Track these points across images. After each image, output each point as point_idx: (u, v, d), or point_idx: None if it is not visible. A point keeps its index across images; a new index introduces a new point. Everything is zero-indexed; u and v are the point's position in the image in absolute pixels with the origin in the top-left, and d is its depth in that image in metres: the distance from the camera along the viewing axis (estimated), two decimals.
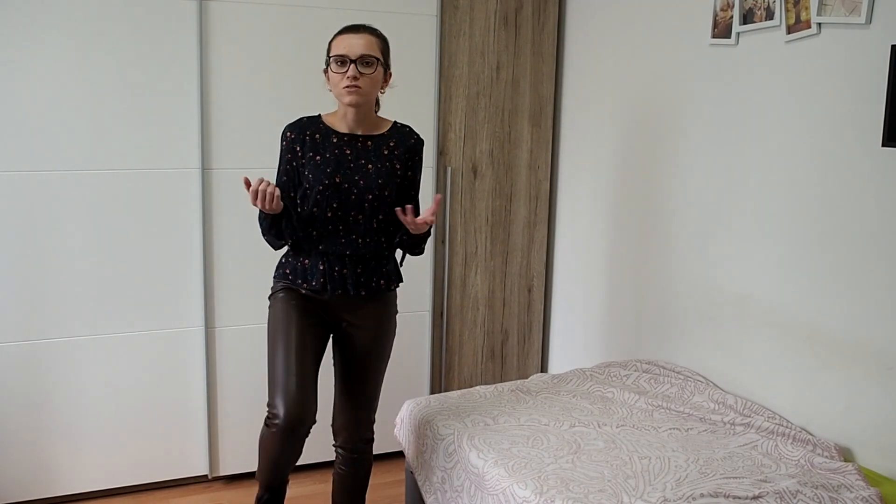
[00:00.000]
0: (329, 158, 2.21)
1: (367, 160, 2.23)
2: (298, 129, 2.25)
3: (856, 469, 2.05)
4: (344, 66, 2.15)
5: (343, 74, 2.15)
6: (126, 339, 2.88)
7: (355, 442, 2.39)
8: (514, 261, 3.46)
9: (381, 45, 2.23)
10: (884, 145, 2.08)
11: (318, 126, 2.25)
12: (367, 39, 2.18)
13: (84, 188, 2.75)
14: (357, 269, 2.25)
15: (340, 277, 2.24)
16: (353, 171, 2.21)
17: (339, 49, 2.16)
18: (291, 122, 2.28)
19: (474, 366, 3.47)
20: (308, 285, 2.24)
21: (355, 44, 2.16)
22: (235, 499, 3.00)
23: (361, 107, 2.21)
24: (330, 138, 2.23)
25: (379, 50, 2.21)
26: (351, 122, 2.24)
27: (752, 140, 2.51)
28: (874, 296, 2.15)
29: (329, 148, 2.22)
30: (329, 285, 2.23)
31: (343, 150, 2.22)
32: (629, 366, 2.83)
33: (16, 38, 2.60)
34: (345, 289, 2.24)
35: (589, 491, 1.97)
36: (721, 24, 2.58)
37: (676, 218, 2.83)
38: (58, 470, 2.86)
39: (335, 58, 2.16)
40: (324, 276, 2.23)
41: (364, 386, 2.35)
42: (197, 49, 2.80)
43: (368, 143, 2.25)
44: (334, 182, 2.19)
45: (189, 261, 2.91)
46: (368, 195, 2.21)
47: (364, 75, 2.15)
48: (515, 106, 3.33)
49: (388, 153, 2.25)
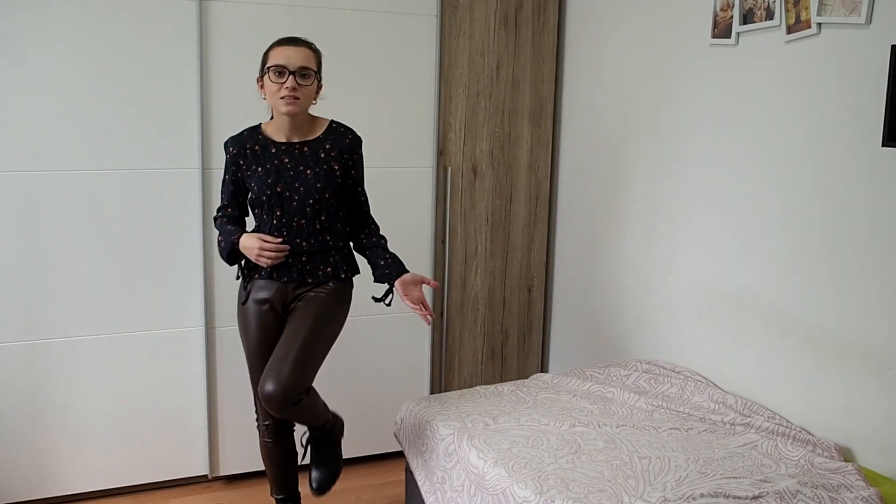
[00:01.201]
0: (269, 169, 2.31)
1: (304, 166, 2.32)
2: (239, 143, 2.36)
3: (856, 469, 2.05)
4: (282, 77, 2.23)
5: (281, 85, 2.23)
6: (126, 339, 2.88)
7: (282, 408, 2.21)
8: (514, 261, 3.46)
9: (317, 58, 2.33)
10: (884, 145, 2.08)
11: (258, 138, 2.36)
12: (305, 53, 2.27)
13: (84, 188, 2.75)
14: (302, 259, 2.35)
15: (286, 267, 2.34)
16: (293, 178, 2.31)
17: (279, 59, 2.24)
18: (233, 135, 2.39)
19: (474, 366, 3.47)
20: (260, 276, 2.38)
21: (294, 56, 2.24)
22: (235, 499, 3.00)
23: (297, 115, 2.30)
24: (269, 149, 2.33)
25: (315, 63, 2.31)
26: (287, 131, 2.34)
27: (751, 140, 2.51)
28: (874, 296, 2.15)
29: (269, 159, 2.33)
30: (275, 273, 2.35)
31: (282, 159, 2.32)
32: (629, 366, 2.83)
33: (16, 38, 2.60)
34: (290, 277, 2.35)
35: (589, 491, 1.97)
36: (721, 24, 2.58)
37: (676, 218, 2.83)
38: (58, 470, 2.87)
39: (274, 68, 2.24)
40: (272, 267, 2.35)
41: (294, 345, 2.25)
42: (197, 49, 2.81)
43: (305, 148, 2.34)
44: (276, 191, 2.30)
45: (189, 261, 2.92)
46: (309, 200, 2.31)
47: (302, 86, 2.24)
48: (515, 106, 3.33)
49: (324, 156, 2.34)
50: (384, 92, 3.09)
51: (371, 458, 3.29)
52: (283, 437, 2.51)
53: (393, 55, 3.07)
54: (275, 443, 2.49)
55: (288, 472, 2.57)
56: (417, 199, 3.21)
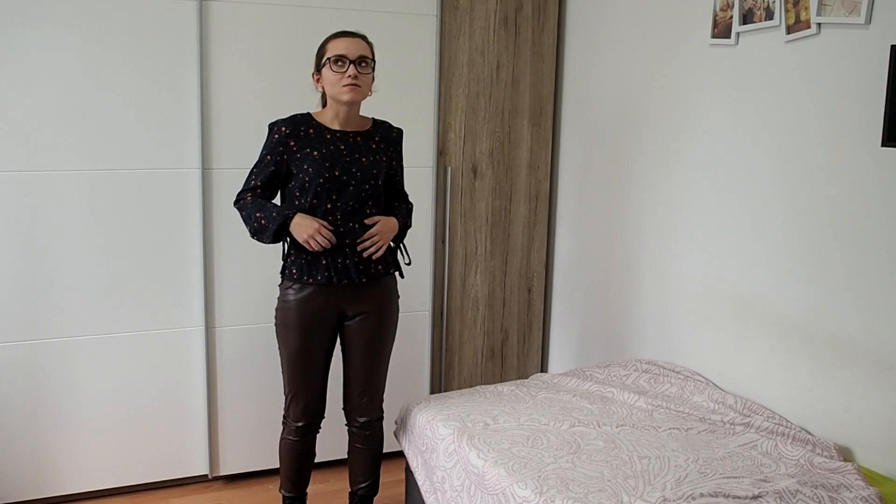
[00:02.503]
0: (326, 153, 2.36)
1: (360, 154, 2.40)
2: (293, 125, 2.38)
3: (855, 469, 2.05)
4: (343, 66, 2.31)
5: (343, 74, 2.31)
6: (126, 339, 2.89)
7: (366, 422, 2.55)
8: (514, 261, 3.46)
9: (372, 50, 2.41)
10: (884, 145, 2.08)
11: (311, 122, 2.40)
12: (362, 44, 2.36)
13: (84, 188, 2.75)
14: (356, 258, 2.39)
15: (343, 268, 2.38)
16: (349, 164, 2.37)
17: (338, 50, 2.32)
18: (282, 117, 2.41)
19: (474, 366, 3.47)
20: (314, 280, 2.38)
21: (353, 46, 2.33)
22: (235, 499, 3.00)
23: (356, 105, 2.39)
24: (324, 134, 2.39)
25: (371, 54, 2.39)
26: (342, 121, 2.40)
27: (751, 140, 2.51)
28: (874, 296, 2.15)
29: (324, 143, 2.37)
30: (335, 277, 2.37)
31: (338, 145, 2.38)
32: (629, 366, 2.83)
33: (16, 37, 2.60)
34: (349, 278, 2.39)
35: (589, 491, 1.97)
36: (721, 24, 2.58)
37: (676, 217, 2.83)
38: (58, 470, 2.87)
39: (335, 58, 2.32)
40: (328, 270, 2.37)
41: (371, 370, 2.51)
42: (197, 49, 2.81)
43: (358, 138, 2.42)
44: (334, 175, 2.34)
45: (189, 261, 2.92)
46: (365, 185, 2.38)
47: (361, 74, 2.33)
48: (515, 106, 3.33)
49: (375, 147, 2.44)
50: (384, 92, 3.08)
51: None
52: (308, 440, 2.57)
53: (393, 55, 3.07)
54: (299, 442, 2.55)
55: (303, 473, 2.62)
56: (417, 199, 3.20)
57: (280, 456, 2.60)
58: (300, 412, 2.51)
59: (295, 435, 2.54)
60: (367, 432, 2.57)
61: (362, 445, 2.59)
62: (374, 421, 2.57)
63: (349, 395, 2.55)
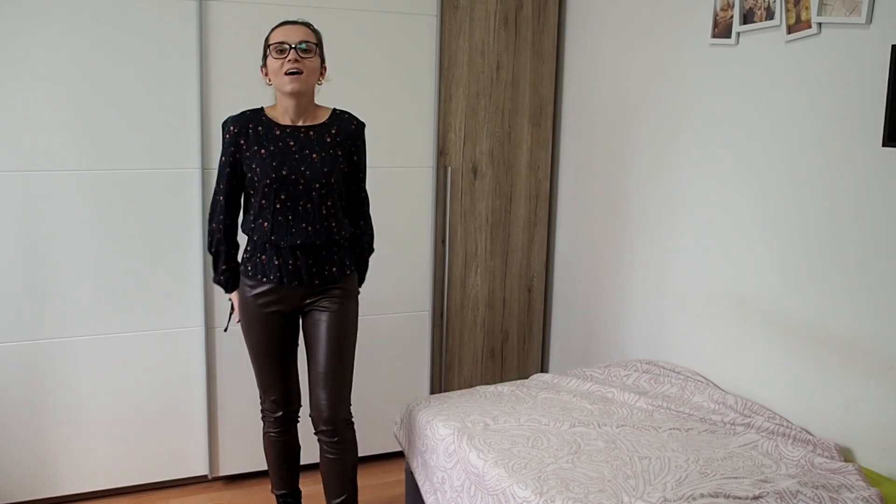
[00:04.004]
0: (274, 151, 2.27)
1: (311, 150, 2.29)
2: (241, 122, 2.31)
3: (856, 469, 2.05)
4: (284, 53, 2.23)
5: (284, 60, 2.22)
6: (126, 339, 2.88)
7: (334, 424, 2.40)
8: (514, 261, 3.46)
9: (318, 36, 2.32)
10: (884, 145, 2.08)
11: (261, 119, 2.32)
12: (304, 29, 2.27)
13: (84, 188, 2.75)
14: (308, 261, 2.33)
15: (295, 269, 2.32)
16: (298, 161, 2.27)
17: (278, 37, 2.24)
18: (233, 114, 2.35)
19: (474, 366, 3.46)
20: (266, 279, 2.34)
21: (292, 32, 2.25)
22: (235, 499, 3.00)
23: (303, 95, 2.28)
24: (273, 131, 2.30)
25: (316, 39, 2.30)
26: (292, 114, 2.31)
27: (751, 140, 2.51)
28: (874, 296, 2.15)
29: (273, 140, 2.29)
30: (285, 278, 2.33)
31: (287, 141, 2.29)
32: (629, 366, 2.83)
33: (16, 37, 2.60)
34: (300, 279, 2.33)
35: (589, 491, 1.97)
36: (721, 24, 2.58)
37: (676, 217, 2.83)
38: (58, 470, 2.86)
39: (275, 45, 2.24)
40: (279, 271, 2.32)
41: (331, 368, 2.39)
42: (197, 49, 2.80)
43: (311, 132, 2.31)
44: (281, 174, 2.26)
45: (189, 261, 2.91)
46: (315, 184, 2.28)
47: (303, 59, 2.23)
48: (515, 106, 3.33)
49: (330, 141, 2.32)
50: (384, 92, 3.09)
51: (371, 458, 3.28)
52: (289, 430, 2.55)
53: (393, 55, 3.07)
54: (280, 433, 2.53)
55: (290, 467, 2.60)
56: (417, 199, 3.21)
57: (265, 453, 2.59)
58: (274, 403, 2.49)
59: (274, 427, 2.52)
60: (335, 438, 2.40)
61: (332, 454, 2.42)
62: (341, 425, 2.40)
63: (312, 397, 2.41)
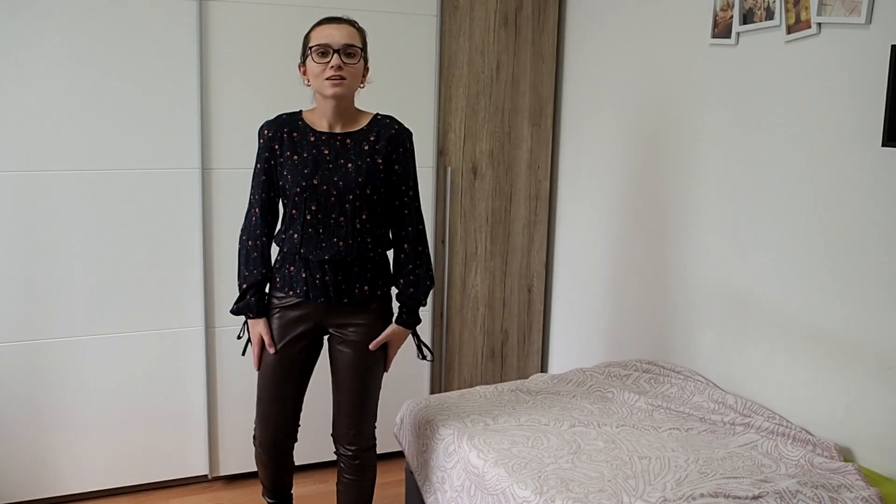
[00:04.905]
0: (307, 158, 2.14)
1: (346, 159, 2.15)
2: (276, 126, 2.19)
3: (856, 469, 2.05)
4: (326, 57, 2.08)
5: (325, 65, 2.08)
6: (126, 339, 2.88)
7: (355, 450, 2.32)
8: (514, 261, 3.46)
9: (362, 36, 2.17)
10: (884, 145, 2.08)
11: (297, 124, 2.19)
12: (348, 30, 2.12)
13: (84, 188, 2.75)
14: (338, 277, 2.17)
15: (322, 285, 2.18)
16: (331, 171, 2.13)
17: (321, 39, 2.08)
18: (269, 119, 2.23)
19: (474, 366, 3.47)
20: (293, 293, 2.21)
21: (337, 34, 2.09)
22: (235, 499, 3.00)
23: (343, 100, 2.14)
24: (307, 137, 2.16)
25: (360, 41, 2.15)
26: (331, 118, 2.17)
27: (751, 140, 2.51)
28: (874, 296, 2.15)
29: (307, 147, 2.16)
30: (311, 293, 2.19)
31: (321, 149, 2.15)
32: (629, 366, 2.83)
33: (16, 37, 2.60)
34: (327, 296, 2.18)
35: (589, 491, 1.97)
36: (721, 24, 2.58)
37: (676, 217, 2.83)
38: (58, 470, 2.86)
39: (317, 48, 2.08)
40: (306, 284, 2.18)
41: (357, 397, 2.28)
42: (197, 49, 2.80)
43: (348, 140, 2.16)
44: (312, 184, 2.13)
45: (189, 261, 2.91)
46: (349, 195, 2.13)
47: (347, 65, 2.09)
48: (515, 106, 3.33)
49: (368, 148, 2.16)
50: (384, 92, 3.08)
51: None
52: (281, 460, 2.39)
53: (393, 55, 3.07)
54: (271, 461, 2.38)
55: (283, 483, 2.47)
56: None
57: (256, 466, 2.44)
58: (267, 438, 2.32)
59: (265, 455, 2.36)
60: (357, 461, 2.31)
61: (351, 476, 2.33)
62: (364, 451, 2.32)
63: (336, 422, 2.32)
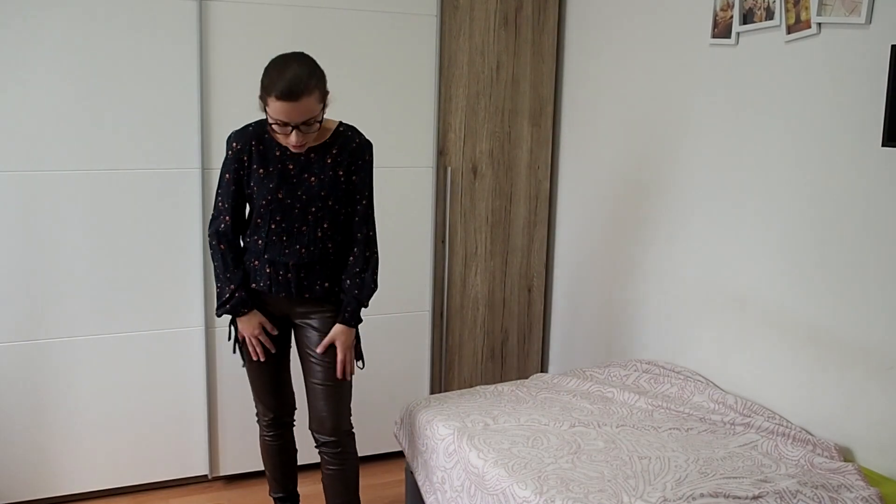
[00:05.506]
0: (272, 172, 2.24)
1: (309, 173, 2.24)
2: (243, 139, 2.26)
3: (856, 469, 2.05)
4: (286, 128, 2.12)
5: (286, 136, 2.14)
6: (126, 339, 2.88)
7: (337, 435, 2.38)
8: (514, 261, 3.46)
9: (319, 95, 2.13)
10: (884, 145, 2.08)
11: (264, 137, 2.25)
12: (305, 106, 2.08)
13: (84, 188, 2.75)
14: (300, 274, 2.29)
15: (284, 281, 2.30)
16: (295, 185, 2.24)
17: (279, 116, 2.09)
18: (237, 129, 2.29)
19: (474, 366, 3.47)
20: (256, 285, 2.32)
21: (295, 113, 2.08)
22: (235, 499, 3.00)
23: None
24: (273, 151, 2.24)
25: (318, 103, 2.13)
26: None
27: (751, 140, 2.51)
28: (874, 296, 2.15)
29: (272, 161, 2.24)
30: (273, 287, 2.30)
31: (286, 164, 2.24)
32: (629, 366, 2.83)
33: (16, 37, 2.60)
34: (288, 291, 2.30)
35: (589, 491, 1.97)
36: (721, 24, 2.58)
37: (676, 217, 2.83)
38: (58, 470, 2.86)
39: (274, 121, 2.12)
40: (269, 279, 2.30)
41: (327, 383, 2.36)
42: (197, 49, 2.80)
43: (312, 154, 2.25)
44: (277, 197, 2.23)
45: (189, 261, 2.91)
46: (312, 208, 2.25)
47: (306, 134, 2.15)
48: (515, 106, 3.33)
49: (331, 161, 2.26)
50: (384, 92, 3.09)
51: (371, 458, 3.28)
52: (284, 435, 2.55)
53: (393, 55, 3.07)
54: (276, 437, 2.53)
55: (287, 470, 2.59)
56: (417, 199, 3.21)
57: (262, 457, 2.60)
58: (266, 407, 2.49)
59: (268, 430, 2.52)
60: (338, 450, 2.38)
61: (335, 466, 2.40)
62: (343, 435, 2.39)
63: (311, 410, 2.39)
